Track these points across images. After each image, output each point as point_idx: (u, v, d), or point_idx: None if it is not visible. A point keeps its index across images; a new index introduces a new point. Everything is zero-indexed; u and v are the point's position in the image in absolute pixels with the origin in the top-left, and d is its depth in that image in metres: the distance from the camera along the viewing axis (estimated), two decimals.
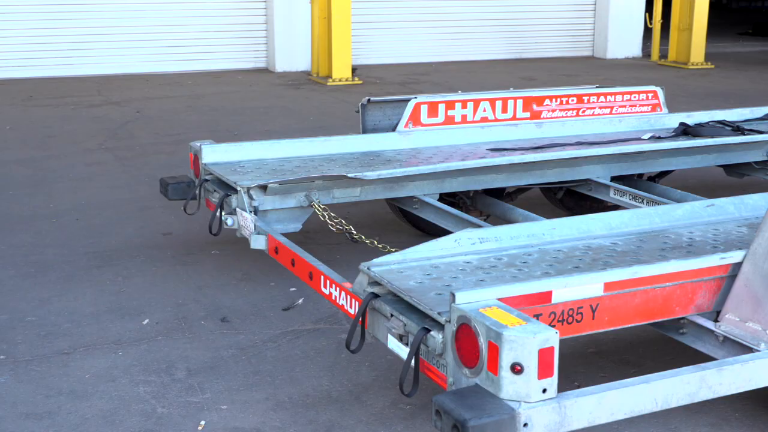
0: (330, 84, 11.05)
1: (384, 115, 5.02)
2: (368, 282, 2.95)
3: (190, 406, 3.29)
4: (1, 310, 4.12)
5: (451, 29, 13.35)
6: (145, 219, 5.50)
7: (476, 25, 13.49)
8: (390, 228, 5.22)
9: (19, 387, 3.45)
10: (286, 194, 4.06)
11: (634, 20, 14.24)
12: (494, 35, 13.68)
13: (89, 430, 3.14)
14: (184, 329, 3.96)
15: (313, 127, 8.40)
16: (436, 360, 2.61)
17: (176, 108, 9.38)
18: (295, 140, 4.72)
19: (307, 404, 3.30)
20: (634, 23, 14.26)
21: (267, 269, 4.52)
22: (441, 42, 13.33)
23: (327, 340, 3.83)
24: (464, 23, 13.40)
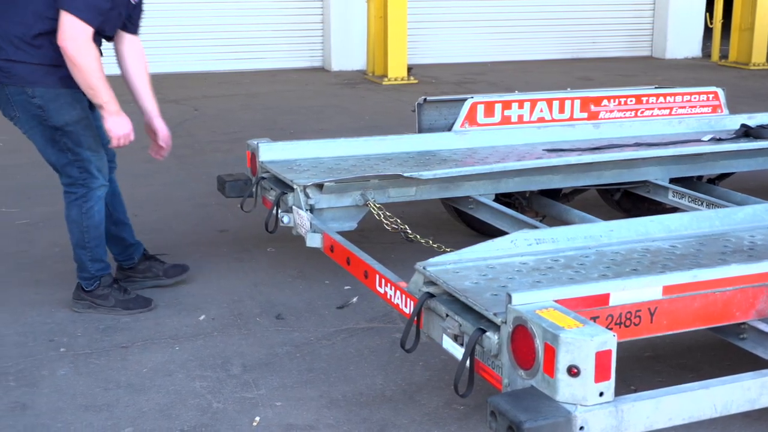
0: (385, 83, 11.06)
1: (440, 115, 5.02)
2: (424, 281, 2.95)
3: (245, 401, 3.32)
4: (62, 304, 4.20)
5: (508, 29, 13.28)
6: (202, 216, 5.57)
7: (533, 24, 13.40)
8: (444, 228, 5.21)
9: (79, 379, 3.51)
10: (342, 193, 4.07)
11: (694, 20, 14.03)
12: (551, 35, 13.57)
13: (146, 423, 3.19)
14: (239, 325, 4.00)
15: (369, 126, 8.41)
16: (491, 361, 2.60)
17: (233, 106, 9.47)
18: (351, 139, 4.74)
19: (361, 403, 3.31)
20: (694, 23, 14.04)
21: (322, 267, 4.54)
22: (497, 41, 13.26)
23: (381, 338, 3.84)
24: (521, 23, 13.32)
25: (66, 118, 3.87)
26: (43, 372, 3.58)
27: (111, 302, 4.10)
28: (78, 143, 3.92)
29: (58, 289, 4.36)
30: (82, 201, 3.99)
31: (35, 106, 3.84)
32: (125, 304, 4.11)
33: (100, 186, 4.01)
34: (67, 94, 3.86)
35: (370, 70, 11.72)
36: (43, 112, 3.84)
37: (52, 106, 3.84)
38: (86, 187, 3.98)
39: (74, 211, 4.02)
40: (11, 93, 3.85)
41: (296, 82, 11.25)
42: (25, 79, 3.81)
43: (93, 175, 3.98)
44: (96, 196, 4.01)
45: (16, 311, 4.14)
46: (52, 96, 3.84)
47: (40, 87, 3.82)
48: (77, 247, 4.07)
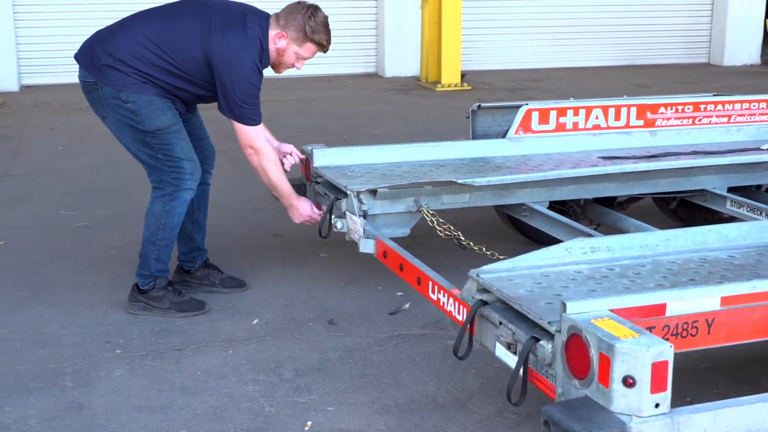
0: (439, 89, 11.06)
1: (494, 122, 5.00)
2: (477, 289, 2.93)
3: (297, 406, 3.34)
4: (118, 306, 4.26)
5: (562, 35, 13.18)
6: (257, 220, 5.61)
7: (588, 30, 13.29)
8: (497, 235, 5.19)
9: (134, 381, 3.56)
10: (396, 199, 4.08)
11: (752, 26, 13.79)
12: (606, 41, 13.44)
13: (200, 425, 3.22)
14: (292, 330, 4.02)
15: (422, 132, 8.42)
16: (544, 370, 2.58)
17: (287, 111, 9.53)
18: (405, 145, 4.74)
19: (413, 409, 3.30)
20: (752, 29, 13.81)
21: (374, 273, 4.55)
22: (552, 48, 13.18)
23: (433, 345, 3.83)
24: (576, 29, 13.22)
25: (157, 124, 3.96)
26: (100, 373, 3.63)
27: (165, 304, 4.15)
28: (170, 146, 4.01)
29: (115, 292, 4.42)
30: (169, 198, 4.06)
31: (128, 110, 3.94)
32: (179, 306, 4.16)
33: (189, 188, 4.08)
34: (159, 102, 3.97)
35: (424, 76, 11.72)
36: (135, 116, 3.94)
37: (144, 111, 3.93)
38: (176, 186, 4.05)
39: (158, 206, 4.08)
40: (105, 94, 3.95)
41: (350, 87, 11.30)
42: (121, 83, 3.92)
43: (185, 177, 4.05)
44: (183, 198, 4.07)
45: (73, 312, 4.22)
46: (145, 102, 3.93)
47: (133, 93, 3.92)
48: (147, 242, 4.14)
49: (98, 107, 4.04)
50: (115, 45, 3.95)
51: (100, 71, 3.94)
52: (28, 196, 6.25)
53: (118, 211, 5.76)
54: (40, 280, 4.64)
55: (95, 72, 3.96)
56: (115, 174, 6.69)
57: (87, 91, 4.05)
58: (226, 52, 3.89)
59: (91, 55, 3.99)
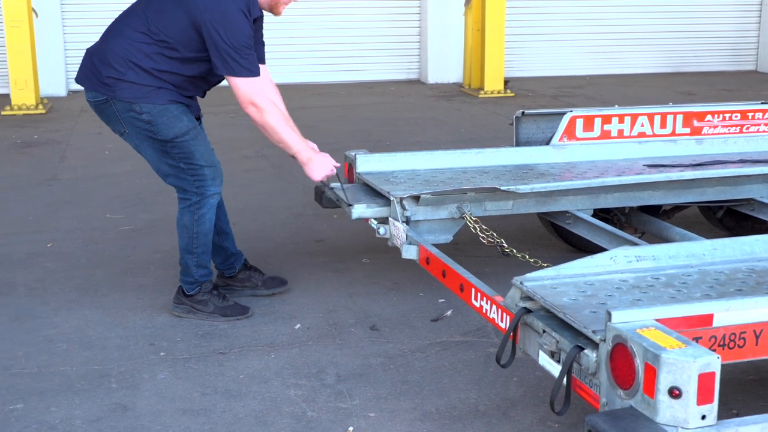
0: (482, 96, 11.03)
1: (538, 128, 4.98)
2: (520, 296, 2.92)
3: (339, 411, 3.35)
4: (162, 309, 4.30)
5: (606, 42, 13.09)
6: (299, 225, 5.64)
7: (632, 37, 13.18)
8: (541, 242, 5.16)
9: (178, 383, 3.59)
10: (438, 205, 4.07)
11: None
12: (651, 48, 13.32)
13: (242, 429, 3.23)
14: (334, 335, 4.03)
15: (465, 139, 8.40)
16: (588, 379, 2.56)
17: (330, 117, 9.57)
18: (448, 152, 4.73)
19: (454, 416, 3.29)
20: None
21: (416, 279, 4.55)
22: (595, 54, 13.09)
23: (475, 353, 3.82)
24: (620, 35, 13.12)
25: (175, 131, 3.95)
26: (144, 375, 3.67)
27: (210, 308, 4.18)
28: (190, 154, 4.00)
29: (160, 295, 4.47)
30: (196, 208, 4.06)
31: (144, 121, 3.93)
32: (223, 311, 4.19)
33: (214, 194, 4.07)
34: (174, 108, 3.95)
35: (467, 82, 11.70)
36: (152, 126, 3.93)
37: (160, 120, 3.92)
38: (200, 194, 4.04)
39: (187, 217, 4.09)
40: (119, 109, 3.94)
41: (393, 94, 11.31)
42: (133, 95, 3.89)
43: (207, 183, 4.04)
44: (209, 204, 4.07)
45: (118, 315, 4.26)
46: (160, 111, 3.92)
47: (146, 103, 3.90)
48: (184, 252, 4.15)
49: (115, 124, 4.02)
50: (112, 51, 3.91)
51: (108, 86, 3.91)
52: (74, 200, 6.34)
53: (163, 215, 5.81)
54: (86, 282, 4.70)
55: (104, 88, 3.92)
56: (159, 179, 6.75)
57: (100, 110, 4.02)
58: (210, 3, 3.78)
59: (93, 72, 3.95)
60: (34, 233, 5.56)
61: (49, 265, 4.96)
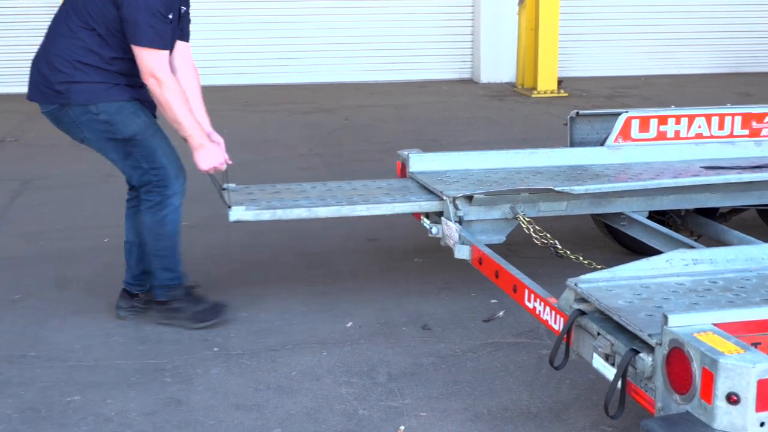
0: (535, 96, 10.97)
1: (592, 129, 4.93)
2: (575, 298, 2.90)
3: (390, 410, 3.35)
4: None
5: (662, 41, 12.91)
6: (353, 224, 5.64)
7: (689, 37, 12.99)
8: (594, 244, 5.12)
9: (231, 379, 3.63)
10: (492, 205, 4.06)
11: None
12: (708, 48, 13.11)
13: (294, 425, 3.26)
14: (386, 334, 4.04)
15: (517, 139, 8.36)
16: (644, 383, 2.54)
17: (383, 116, 9.59)
18: (501, 152, 4.71)
19: (506, 418, 3.28)
20: None
21: (468, 279, 4.53)
22: (651, 54, 12.92)
23: (527, 354, 3.80)
24: (676, 35, 12.93)
25: (133, 128, 3.87)
26: (198, 370, 3.71)
27: (186, 314, 4.09)
28: (151, 151, 3.91)
29: (214, 290, 4.51)
30: (157, 209, 3.98)
31: (102, 122, 3.84)
32: (198, 316, 4.09)
33: (176, 193, 3.99)
34: (130, 105, 3.87)
35: (520, 82, 11.64)
36: (111, 126, 3.85)
37: (117, 118, 3.84)
38: (162, 195, 3.96)
39: (149, 218, 4.01)
40: (76, 114, 3.86)
41: (445, 93, 11.29)
42: (87, 97, 3.82)
43: (169, 183, 3.96)
44: (172, 205, 3.99)
45: None
46: (116, 109, 3.84)
47: (102, 102, 3.82)
48: (151, 255, 4.07)
49: (74, 131, 3.93)
50: (55, 54, 3.84)
51: (62, 93, 3.83)
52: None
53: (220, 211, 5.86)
54: None
55: (57, 97, 3.85)
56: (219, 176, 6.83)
57: (57, 120, 3.94)
58: None
59: (44, 83, 3.87)
60: (92, 229, 5.66)
61: (106, 260, 5.03)
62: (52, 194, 6.51)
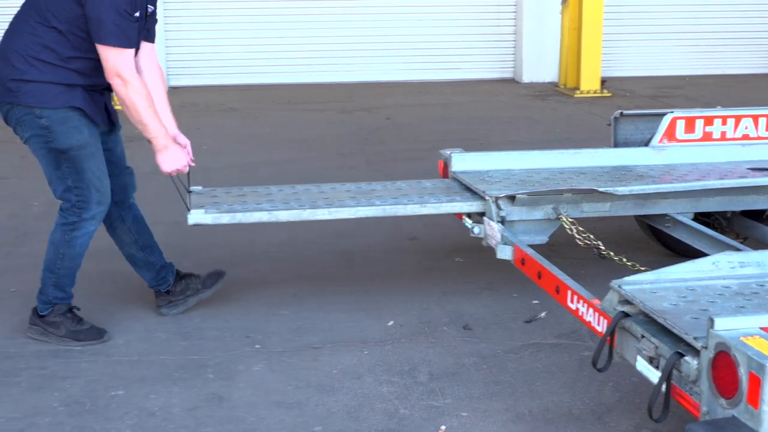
0: (577, 96, 10.89)
1: (636, 129, 4.89)
2: (618, 300, 2.88)
3: (431, 409, 3.35)
4: (257, 302, 4.38)
5: (708, 41, 12.75)
6: (393, 223, 5.64)
7: (735, 36, 12.80)
8: (638, 246, 5.07)
9: (272, 376, 3.65)
10: (534, 206, 4.04)
11: None
12: (755, 48, 12.92)
13: (335, 423, 3.27)
14: (427, 333, 4.04)
15: (560, 139, 8.31)
16: (689, 387, 2.51)
17: (424, 116, 9.57)
18: (544, 152, 4.69)
19: (547, 419, 3.27)
20: None
21: (510, 280, 4.51)
22: (696, 54, 12.76)
23: (569, 356, 3.78)
24: (722, 35, 12.76)
25: (71, 142, 3.76)
26: (239, 367, 3.74)
27: (62, 331, 3.95)
28: (81, 170, 3.80)
29: (257, 288, 4.55)
30: (69, 228, 3.87)
31: (41, 126, 3.75)
32: (76, 335, 3.96)
33: (92, 218, 3.88)
34: (76, 117, 3.77)
35: (562, 82, 11.56)
36: (49, 133, 3.75)
37: (58, 128, 3.74)
38: (78, 216, 3.85)
39: (58, 234, 3.90)
40: (20, 113, 3.77)
41: (487, 93, 11.25)
42: (35, 99, 3.73)
43: (89, 207, 3.85)
44: (85, 228, 3.88)
45: (215, 307, 4.34)
46: (61, 118, 3.74)
47: (48, 108, 3.73)
48: (46, 269, 3.95)
49: (18, 130, 3.84)
50: (11, 49, 3.76)
51: (12, 92, 3.74)
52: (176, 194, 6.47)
53: None
54: None
55: (8, 95, 3.76)
56: (254, 174, 6.87)
57: (6, 118, 3.85)
58: None
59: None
60: None
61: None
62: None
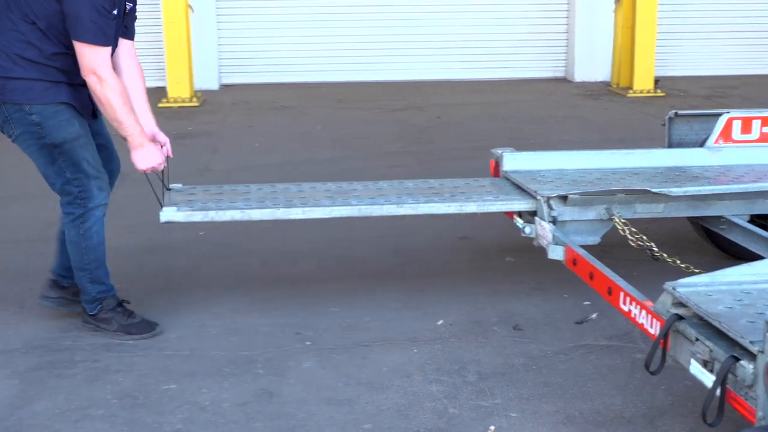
0: (630, 95, 10.77)
1: (691, 130, 4.83)
2: (672, 302, 2.85)
3: (480, 409, 3.35)
4: (308, 299, 4.40)
5: (764, 40, 12.53)
6: (444, 222, 5.63)
7: None
8: (691, 247, 5.00)
9: (322, 373, 3.67)
10: (586, 206, 4.01)
11: None
12: None
13: (384, 421, 3.28)
14: (476, 333, 4.03)
15: (612, 139, 8.23)
16: (744, 391, 2.47)
17: (475, 114, 9.55)
18: (597, 152, 4.65)
19: (598, 422, 3.24)
20: None
21: (561, 280, 4.49)
22: (752, 53, 12.53)
23: (621, 358, 3.74)
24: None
25: (64, 135, 3.78)
26: (289, 363, 3.76)
27: (114, 326, 4.01)
28: (77, 161, 3.82)
29: (309, 285, 4.58)
30: (80, 222, 3.89)
31: (32, 123, 3.76)
32: (128, 329, 4.01)
33: (98, 206, 3.90)
34: (66, 110, 3.79)
35: (615, 81, 11.45)
36: (41, 129, 3.76)
37: (49, 122, 3.76)
38: (84, 207, 3.87)
39: (72, 232, 3.91)
40: (9, 110, 3.77)
41: (538, 92, 11.18)
42: (22, 96, 3.73)
43: (92, 195, 3.87)
44: (95, 217, 3.90)
45: (267, 303, 4.38)
46: (51, 112, 3.76)
47: (37, 104, 3.74)
48: (77, 269, 3.98)
49: (6, 127, 3.83)
50: None
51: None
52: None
53: None
54: (239, 270, 4.86)
55: None
56: (306, 172, 6.91)
57: None
58: None
59: None
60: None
61: (204, 252, 5.14)
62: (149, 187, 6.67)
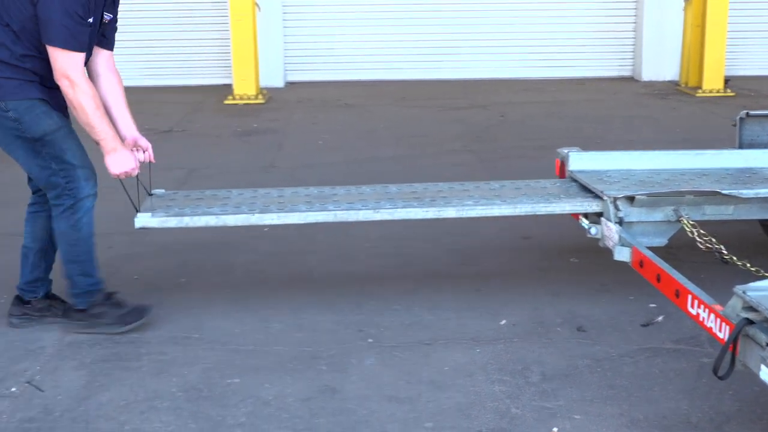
0: (699, 95, 10.59)
1: (763, 131, 4.74)
2: (742, 306, 2.79)
3: (543, 411, 3.32)
4: (371, 297, 4.41)
5: None
6: (506, 222, 5.59)
7: None
8: (762, 250, 4.89)
9: (384, 371, 3.67)
10: (654, 207, 3.95)
11: None
12: None
13: (446, 420, 3.27)
14: (539, 334, 4.00)
15: (680, 139, 8.10)
16: None
17: (539, 113, 9.48)
18: (665, 152, 4.59)
19: (664, 426, 3.19)
20: None
21: (626, 282, 4.42)
22: None
23: (687, 362, 3.68)
24: None
25: (44, 128, 3.77)
26: (352, 360, 3.77)
27: (108, 319, 3.98)
28: (61, 152, 3.80)
29: (368, 282, 4.59)
30: (70, 213, 3.86)
31: (10, 119, 3.74)
32: (123, 319, 3.98)
33: (87, 196, 3.87)
34: (40, 105, 3.78)
35: (683, 80, 11.26)
36: (20, 124, 3.74)
37: (27, 117, 3.74)
38: (73, 197, 3.84)
39: (62, 224, 3.88)
40: None
41: (604, 91, 11.06)
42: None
43: (80, 185, 3.84)
44: (85, 207, 3.87)
45: (329, 300, 4.40)
46: (26, 107, 3.74)
47: (12, 100, 3.72)
48: (67, 262, 3.95)
49: None
50: None
51: None
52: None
53: None
54: (300, 267, 4.90)
55: None
56: (370, 170, 6.94)
57: None
58: None
59: None
60: None
61: (266, 248, 5.19)
62: (214, 183, 6.75)
